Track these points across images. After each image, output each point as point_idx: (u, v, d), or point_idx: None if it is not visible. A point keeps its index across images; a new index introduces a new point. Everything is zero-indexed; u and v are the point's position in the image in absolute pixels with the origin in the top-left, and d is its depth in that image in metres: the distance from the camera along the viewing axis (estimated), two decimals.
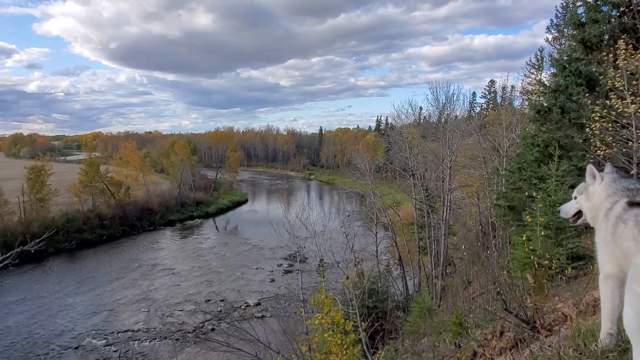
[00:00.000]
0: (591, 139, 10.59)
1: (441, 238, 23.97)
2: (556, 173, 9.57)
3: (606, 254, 2.01)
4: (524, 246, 8.83)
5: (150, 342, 21.58)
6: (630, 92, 9.47)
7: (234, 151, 79.07)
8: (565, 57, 13.34)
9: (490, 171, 24.45)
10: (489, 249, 19.38)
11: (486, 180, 24.94)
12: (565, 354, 2.39)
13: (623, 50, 9.58)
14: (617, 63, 9.79)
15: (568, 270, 6.58)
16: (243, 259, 35.89)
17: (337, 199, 66.79)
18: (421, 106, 53.47)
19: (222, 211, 58.71)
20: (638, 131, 9.47)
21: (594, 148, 10.36)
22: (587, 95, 12.08)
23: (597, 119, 10.06)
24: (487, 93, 65.91)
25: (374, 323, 12.35)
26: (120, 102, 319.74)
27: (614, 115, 9.86)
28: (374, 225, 26.89)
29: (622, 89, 9.58)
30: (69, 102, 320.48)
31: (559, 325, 3.27)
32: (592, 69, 12.69)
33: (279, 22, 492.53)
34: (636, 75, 9.49)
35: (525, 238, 9.21)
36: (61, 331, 22.62)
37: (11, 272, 27.46)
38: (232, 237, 45.10)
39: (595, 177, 2.19)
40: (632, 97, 9.46)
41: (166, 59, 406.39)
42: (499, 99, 61.53)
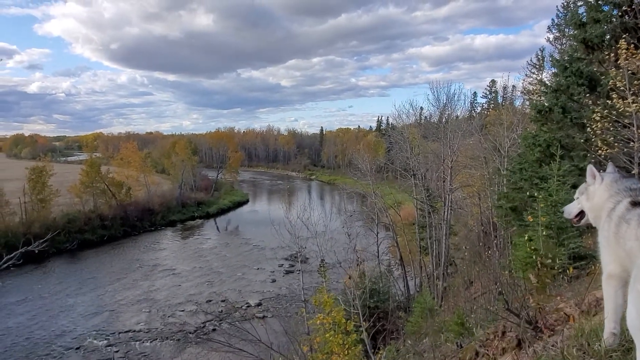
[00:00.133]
0: (592, 138, 10.55)
1: (442, 238, 23.98)
2: (557, 173, 9.58)
3: (609, 254, 2.01)
4: (525, 246, 8.81)
5: (151, 342, 21.60)
6: (631, 92, 9.44)
7: (234, 151, 79.07)
8: (566, 57, 13.35)
9: (492, 171, 24.46)
10: (491, 249, 19.32)
11: (487, 180, 24.94)
12: (568, 354, 2.39)
13: (624, 50, 9.54)
14: (619, 63, 9.75)
15: (570, 270, 6.56)
16: (244, 260, 35.88)
17: (338, 199, 66.81)
18: (422, 106, 53.33)
19: (223, 211, 58.74)
20: (639, 131, 9.46)
21: (596, 148, 10.33)
22: (588, 95, 12.07)
23: (598, 118, 10.03)
24: (488, 93, 66.00)
25: (375, 323, 12.34)
26: (121, 102, 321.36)
27: (615, 115, 9.83)
28: (375, 226, 26.92)
29: (623, 88, 9.55)
30: (70, 103, 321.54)
31: (562, 325, 3.26)
32: (594, 68, 12.66)
33: (279, 22, 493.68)
34: (637, 75, 9.46)
35: (526, 238, 9.20)
36: (62, 332, 22.63)
37: (12, 272, 27.37)
38: (233, 238, 45.10)
39: (596, 177, 2.19)
40: (634, 97, 9.44)
41: (167, 60, 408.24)
42: (500, 99, 61.69)
